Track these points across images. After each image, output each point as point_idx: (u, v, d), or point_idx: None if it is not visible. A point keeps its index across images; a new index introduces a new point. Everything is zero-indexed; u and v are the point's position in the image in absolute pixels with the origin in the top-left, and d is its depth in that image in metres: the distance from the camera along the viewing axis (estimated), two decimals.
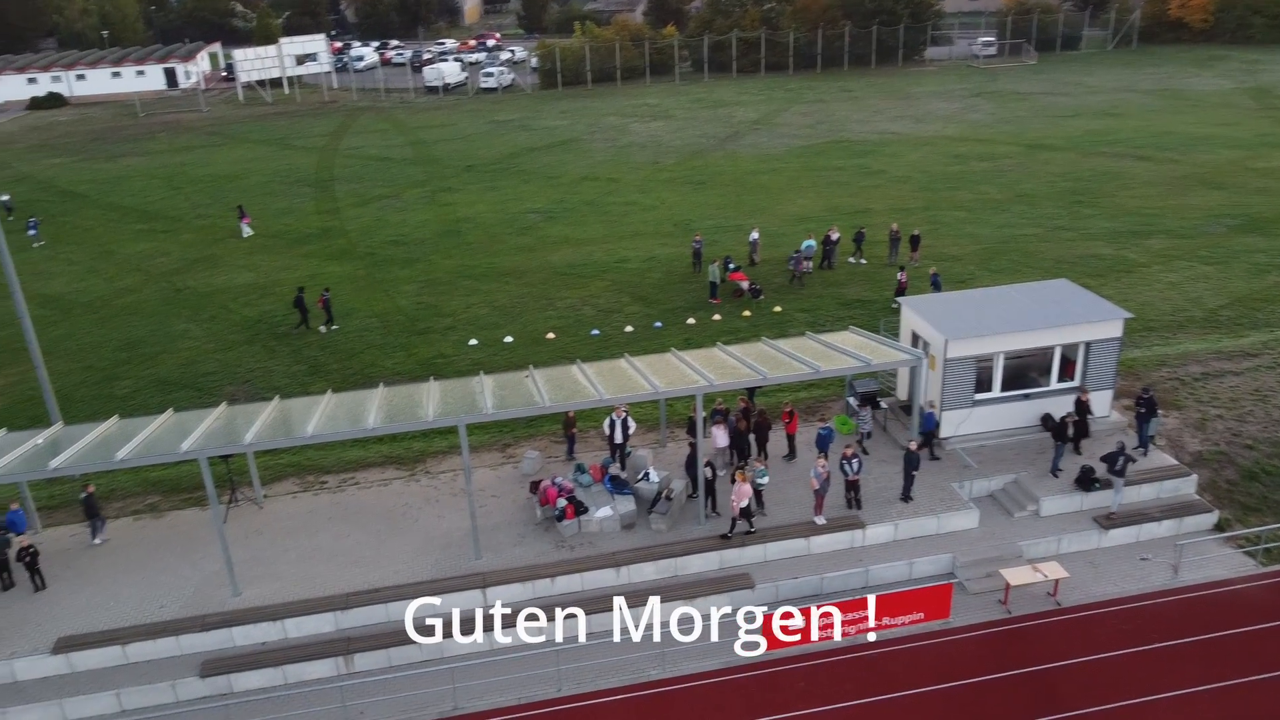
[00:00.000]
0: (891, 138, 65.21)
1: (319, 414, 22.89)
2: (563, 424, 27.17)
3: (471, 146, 69.54)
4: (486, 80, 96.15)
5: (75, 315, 40.69)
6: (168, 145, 76.79)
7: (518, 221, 50.50)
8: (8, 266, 26.26)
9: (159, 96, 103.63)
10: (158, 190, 61.61)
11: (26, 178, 66.81)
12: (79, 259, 48.47)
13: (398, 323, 37.82)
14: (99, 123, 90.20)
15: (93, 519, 24.14)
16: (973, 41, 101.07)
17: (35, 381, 27.81)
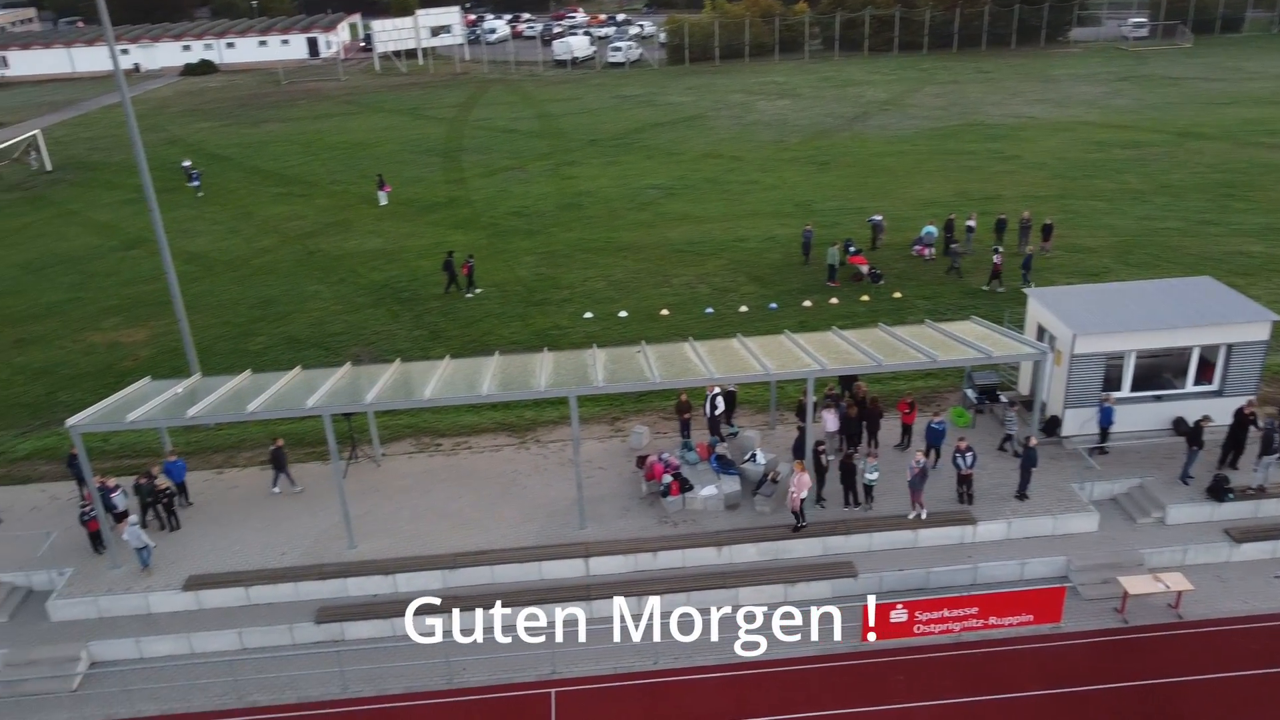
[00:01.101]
0: (1028, 122, 62.65)
1: (437, 378, 23.55)
2: (675, 408, 27.13)
3: (596, 121, 69.98)
4: (614, 55, 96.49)
5: (216, 272, 42.85)
6: (307, 112, 79.78)
7: (638, 197, 50.66)
8: (157, 225, 27.85)
9: (301, 65, 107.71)
10: (296, 156, 64.14)
11: (178, 140, 70.48)
12: (222, 219, 50.96)
13: (516, 293, 38.53)
14: (245, 89, 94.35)
15: (278, 471, 25.19)
16: (1123, 22, 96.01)
17: (178, 334, 29.44)
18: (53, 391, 32.51)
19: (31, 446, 29.14)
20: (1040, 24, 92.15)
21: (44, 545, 23.63)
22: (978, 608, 20.31)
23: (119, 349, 35.52)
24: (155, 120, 78.02)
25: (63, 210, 54.93)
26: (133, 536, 22.32)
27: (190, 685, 20.25)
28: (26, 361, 35.05)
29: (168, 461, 24.28)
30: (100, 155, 67.40)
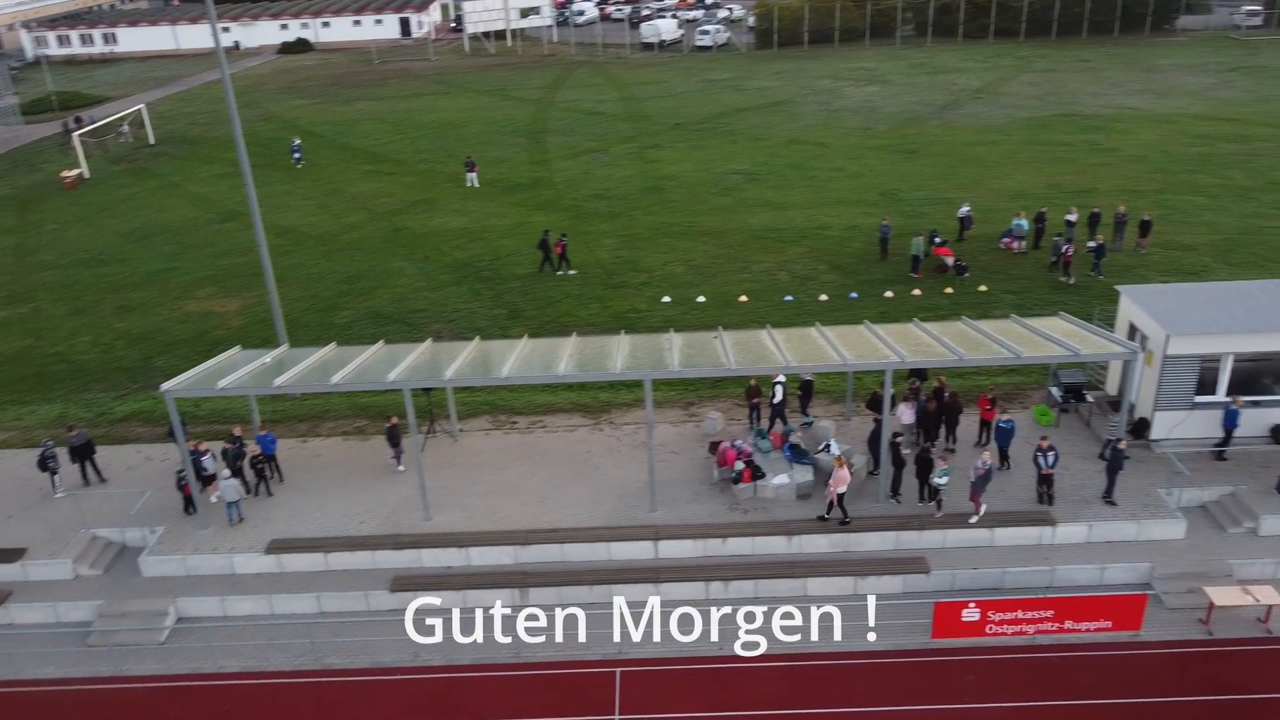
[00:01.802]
0: (1128, 113, 60.42)
1: (515, 357, 23.86)
2: (745, 392, 27.04)
3: (681, 104, 69.74)
4: (702, 38, 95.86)
5: (306, 247, 43.99)
6: (397, 92, 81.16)
7: (720, 182, 50.40)
8: (252, 200, 28.72)
9: (393, 45, 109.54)
10: (386, 134, 65.34)
11: (274, 117, 72.40)
12: (313, 195, 52.25)
13: (595, 275, 38.73)
14: (338, 68, 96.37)
15: (395, 447, 25.53)
16: (1235, 10, 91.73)
17: (268, 305, 30.35)
18: (150, 357, 33.84)
19: (129, 408, 30.41)
20: (1146, 11, 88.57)
21: (138, 504, 24.69)
22: (1053, 611, 19.84)
23: (212, 318, 36.78)
24: (252, 97, 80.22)
25: (164, 182, 56.96)
26: (227, 489, 23.26)
27: (269, 645, 20.99)
28: (127, 327, 36.54)
29: (259, 435, 25.07)
30: (200, 130, 69.65)
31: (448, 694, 19.74)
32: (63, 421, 29.58)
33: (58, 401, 31.20)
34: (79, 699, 20.13)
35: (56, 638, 21.63)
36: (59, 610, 22.21)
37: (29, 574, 22.92)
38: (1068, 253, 35.25)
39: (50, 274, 42.73)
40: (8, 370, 33.70)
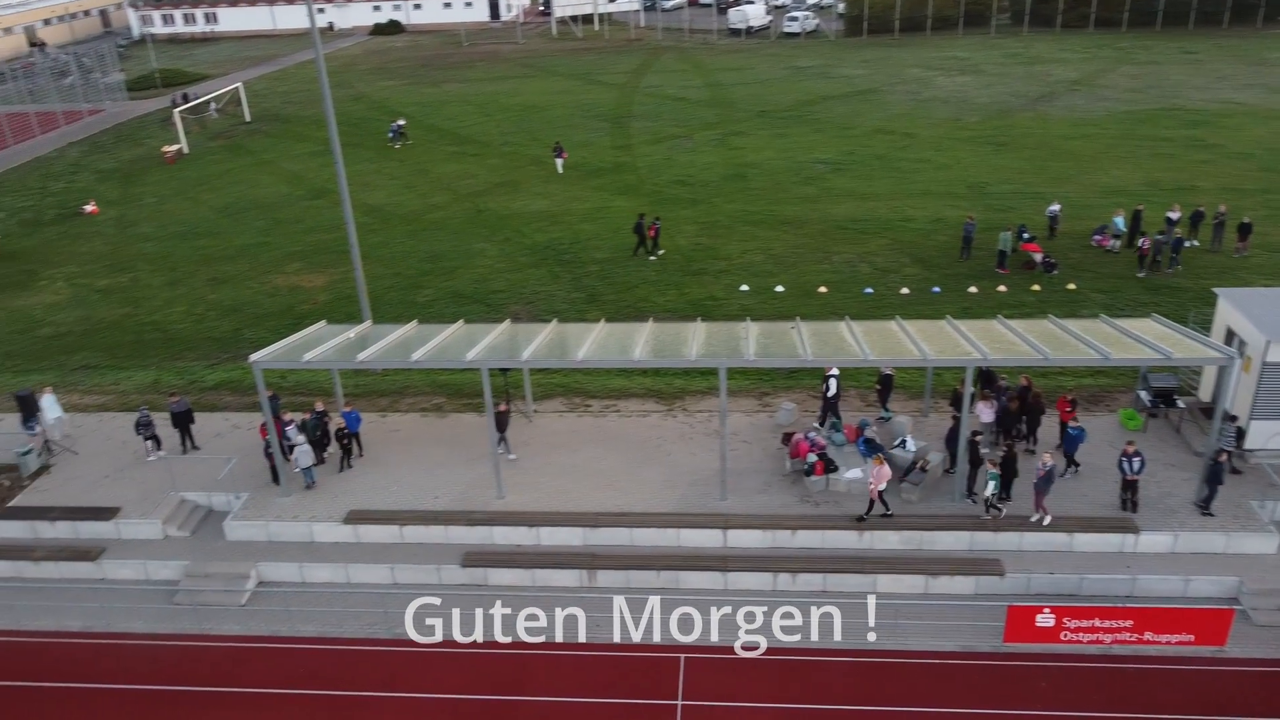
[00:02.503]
0: (1235, 108, 57.93)
1: (591, 341, 24.01)
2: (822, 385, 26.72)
3: (767, 91, 69.08)
4: (790, 25, 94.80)
5: (391, 225, 44.85)
6: (484, 74, 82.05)
7: (804, 171, 49.85)
8: (341, 178, 29.35)
9: (482, 27, 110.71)
10: (471, 116, 66.14)
11: (363, 97, 73.86)
12: (399, 175, 53.21)
13: (674, 261, 38.70)
14: (428, 50, 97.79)
15: (501, 434, 25.24)
16: None
17: (353, 282, 31.03)
18: (239, 328, 34.94)
19: (219, 377, 31.46)
20: (1259, 2, 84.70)
21: (224, 470, 25.55)
22: (1133, 621, 19.27)
23: (299, 292, 37.79)
24: (343, 77, 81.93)
25: (258, 159, 58.61)
26: (301, 455, 23.99)
27: (344, 612, 21.57)
28: (219, 299, 37.77)
29: (344, 411, 25.71)
30: (293, 109, 71.41)
31: (515, 671, 20.04)
32: (157, 387, 30.78)
33: (152, 368, 32.43)
34: (164, 654, 20.99)
35: (145, 594, 22.58)
36: (148, 568, 23.17)
37: (121, 532, 23.95)
38: (1144, 245, 34.49)
39: (149, 245, 44.37)
40: (107, 336, 35.15)
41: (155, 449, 26.06)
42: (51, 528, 24.10)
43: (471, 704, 19.30)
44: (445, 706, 19.28)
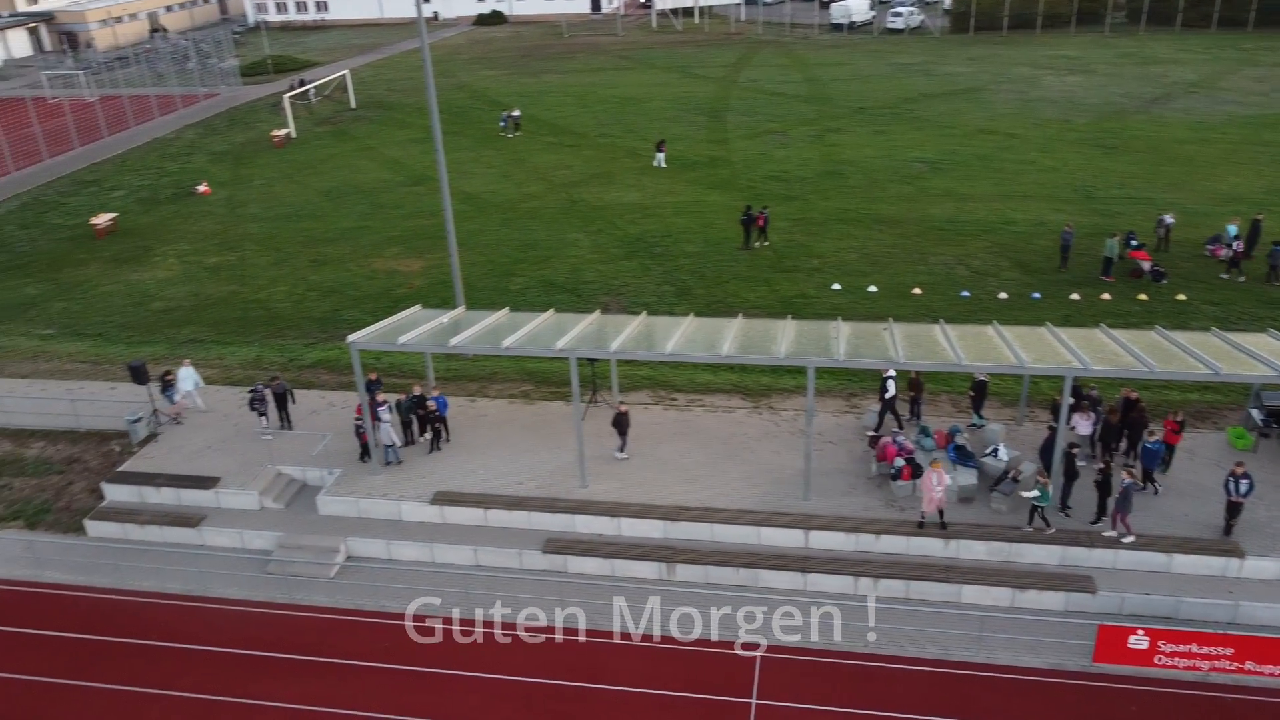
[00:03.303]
0: None
1: (679, 334, 24.00)
2: (906, 384, 26.22)
3: (867, 88, 67.97)
4: (894, 20, 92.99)
5: (487, 213, 45.54)
6: (583, 65, 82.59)
7: (902, 170, 48.91)
8: (441, 166, 29.91)
9: (583, 19, 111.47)
10: (569, 107, 66.67)
11: (464, 86, 75.11)
12: (496, 164, 53.99)
13: (765, 258, 38.42)
14: (529, 41, 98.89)
15: (622, 435, 24.99)
16: None
17: (449, 267, 31.63)
18: (338, 309, 35.95)
19: (317, 356, 32.43)
20: None
21: (319, 446, 26.36)
22: (1234, 649, 18.46)
23: (396, 276, 38.68)
24: (446, 66, 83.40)
25: (361, 145, 60.13)
26: (384, 434, 24.59)
27: (428, 590, 22.03)
28: (319, 280, 38.92)
29: (435, 395, 26.23)
30: (397, 96, 73.02)
31: (590, 658, 20.21)
32: (259, 363, 31.90)
33: (255, 344, 33.61)
34: (255, 620, 21.78)
35: (240, 562, 23.47)
36: (244, 537, 24.06)
37: (221, 501, 24.91)
38: (1238, 249, 33.10)
39: (256, 226, 45.95)
40: (214, 312, 36.55)
41: (266, 425, 26.92)
42: (157, 493, 25.22)
43: (544, 688, 19.53)
44: (518, 689, 19.56)
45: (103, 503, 25.46)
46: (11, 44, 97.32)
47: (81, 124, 65.55)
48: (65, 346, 34.22)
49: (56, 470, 27.05)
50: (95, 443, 27.94)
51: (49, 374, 32.09)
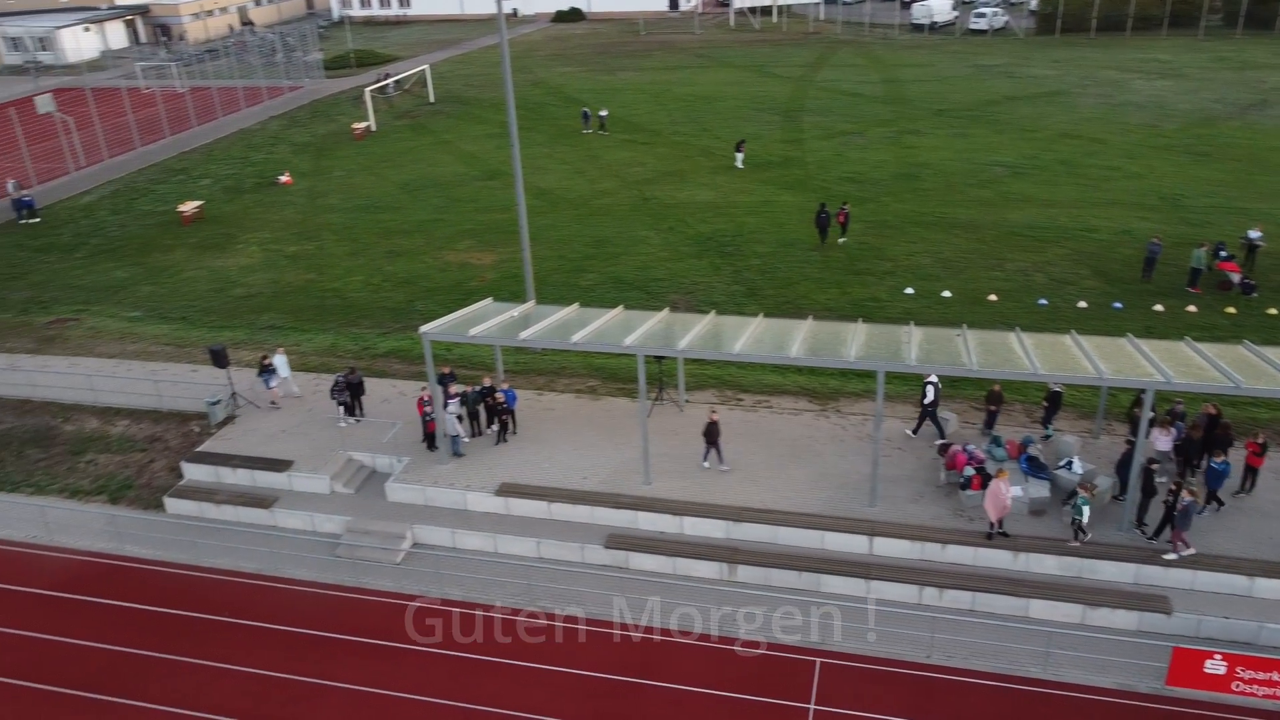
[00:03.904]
0: None
1: (747, 335, 23.87)
2: (986, 397, 25.72)
3: (947, 90, 66.79)
4: (977, 21, 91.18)
5: (560, 209, 45.86)
6: (660, 63, 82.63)
7: (980, 173, 47.97)
8: (516, 161, 30.20)
9: (660, 17, 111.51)
10: (644, 105, 66.78)
11: (541, 82, 75.71)
12: (570, 160, 54.33)
13: (837, 260, 38.01)
14: (605, 38, 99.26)
15: (711, 445, 24.34)
16: None
17: (520, 262, 31.93)
18: (411, 300, 36.56)
19: (389, 345, 33.02)
20: None
21: (389, 434, 26.85)
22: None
23: (468, 269, 39.19)
24: (523, 62, 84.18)
25: (439, 139, 61.02)
26: (450, 425, 24.93)
27: (490, 580, 22.31)
28: (394, 270, 39.61)
29: (504, 389, 26.52)
30: (474, 92, 73.92)
31: (650, 654, 20.25)
32: (334, 351, 32.59)
33: (330, 332, 34.36)
34: (323, 601, 22.28)
35: (310, 544, 24.03)
36: (315, 520, 24.63)
37: (293, 484, 25.53)
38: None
39: (335, 216, 46.95)
40: (292, 299, 37.45)
41: (346, 415, 27.45)
42: (232, 474, 25.95)
43: (603, 682, 19.62)
44: (577, 683, 19.68)
45: (181, 481, 26.30)
46: (110, 36, 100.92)
47: (172, 114, 67.70)
48: (151, 329, 35.41)
49: (139, 448, 28.02)
50: (176, 423, 28.86)
51: (135, 355, 33.25)
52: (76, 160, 57.70)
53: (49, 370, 31.71)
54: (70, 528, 25.07)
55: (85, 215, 48.84)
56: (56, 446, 28.38)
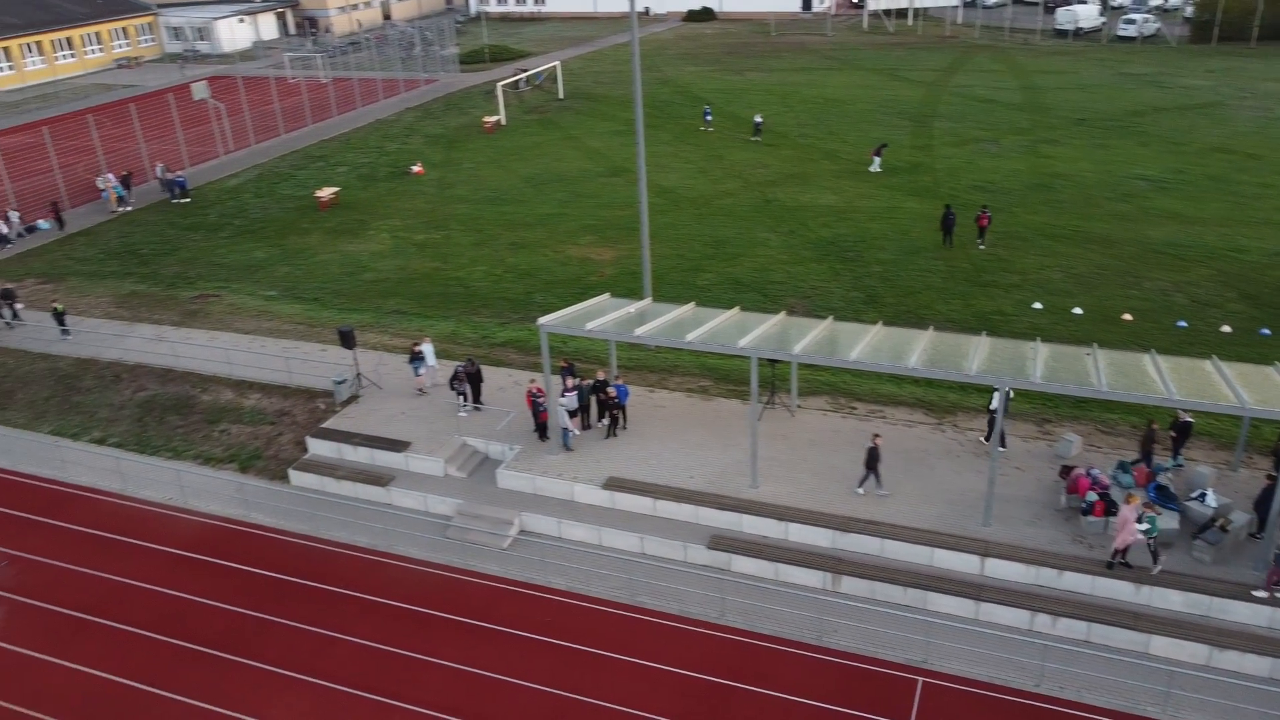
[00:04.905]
0: None
1: (864, 342, 23.45)
2: (1142, 438, 24.02)
3: (1089, 98, 64.12)
4: (1126, 28, 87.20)
5: (681, 208, 45.95)
6: (789, 65, 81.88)
7: (1121, 186, 45.89)
8: (640, 159, 30.39)
9: (792, 18, 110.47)
10: (771, 106, 66.25)
11: (669, 81, 75.98)
12: (693, 159, 54.35)
13: (962, 270, 36.97)
14: (735, 38, 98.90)
15: (870, 471, 23.17)
16: None
17: (639, 258, 32.13)
18: (530, 292, 37.23)
19: (508, 335, 33.72)
20: None
21: (503, 422, 27.43)
22: None
23: (588, 264, 39.66)
24: (652, 61, 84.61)
25: (565, 134, 61.93)
26: (561, 417, 25.37)
27: (592, 572, 22.57)
28: (516, 262, 40.41)
29: (617, 384, 26.75)
30: (602, 89, 74.72)
31: (748, 658, 20.14)
32: (455, 338, 33.47)
33: (452, 320, 35.30)
34: (432, 581, 22.93)
35: (422, 524, 24.75)
36: (428, 501, 25.36)
37: (409, 465, 26.35)
38: None
39: (462, 207, 48.18)
40: (417, 286, 38.62)
41: (464, 404, 28.16)
42: (353, 451, 26.95)
43: (699, 683, 19.61)
44: (674, 680, 19.72)
45: (306, 455, 27.45)
46: (261, 27, 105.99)
47: (315, 103, 70.64)
48: (285, 308, 37.07)
49: (268, 421, 29.38)
50: (304, 399, 30.14)
51: (269, 332, 34.86)
52: (225, 144, 60.83)
53: (191, 342, 33.57)
54: (202, 492, 26.50)
55: (231, 197, 51.46)
56: (194, 415, 30.01)
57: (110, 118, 68.13)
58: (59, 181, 51.42)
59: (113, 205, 49.23)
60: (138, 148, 56.73)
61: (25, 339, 35.12)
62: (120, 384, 31.81)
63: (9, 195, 49.56)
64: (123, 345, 33.81)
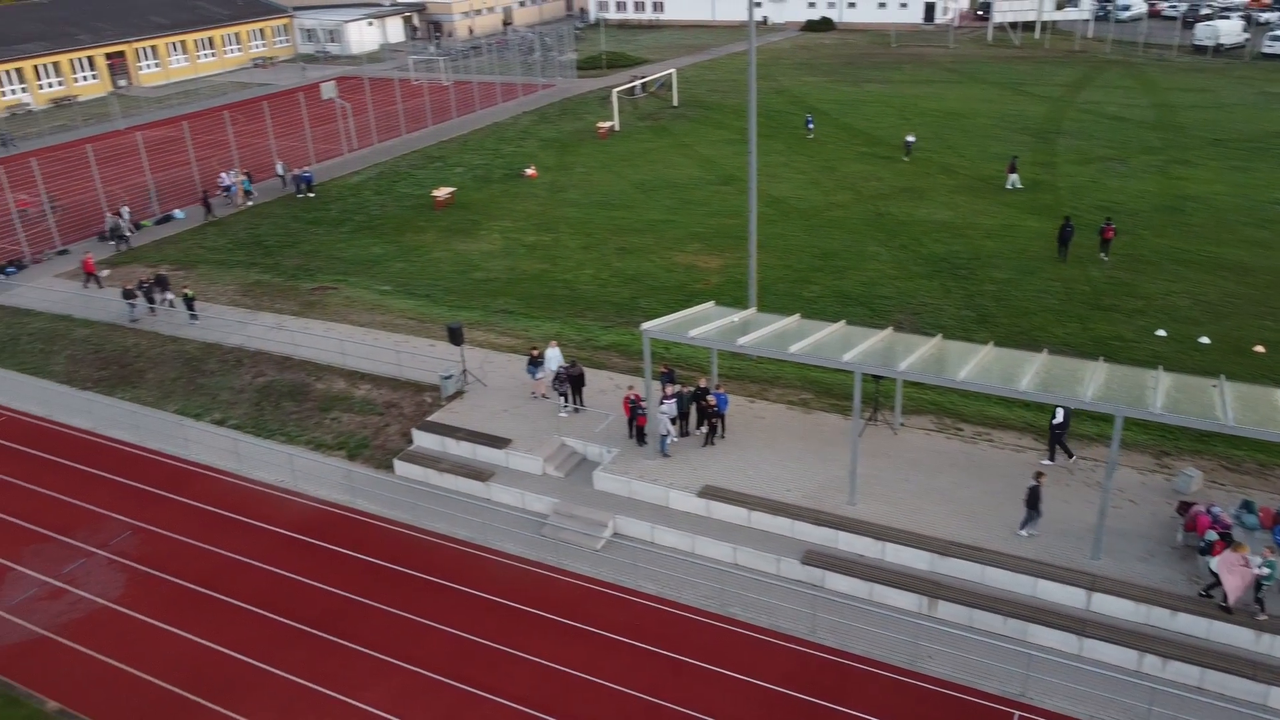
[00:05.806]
0: None
1: (974, 362, 22.82)
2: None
3: (1228, 118, 61.08)
4: (1272, 44, 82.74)
5: (790, 218, 45.57)
6: (909, 77, 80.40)
7: (1260, 211, 43.56)
8: (752, 168, 30.28)
9: (914, 29, 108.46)
10: (887, 118, 65.20)
11: (785, 90, 75.48)
12: (805, 170, 53.85)
13: (1081, 292, 35.64)
14: (855, 49, 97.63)
15: (1031, 509, 21.99)
16: None
17: (745, 268, 31.99)
18: (635, 297, 37.45)
19: (610, 339, 33.99)
20: None
21: (602, 425, 27.66)
22: None
23: (694, 271, 39.68)
24: (768, 70, 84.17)
25: (678, 141, 62.15)
26: (662, 424, 25.43)
27: (684, 580, 22.55)
28: (622, 267, 40.72)
29: (716, 392, 26.70)
30: (716, 97, 74.71)
31: (837, 677, 19.82)
32: (559, 339, 33.86)
33: (557, 321, 35.78)
34: (526, 577, 23.28)
35: (519, 520, 25.15)
36: (525, 498, 25.75)
37: (510, 462, 26.81)
38: None
39: (572, 210, 48.82)
40: (526, 287, 39.29)
41: (566, 404, 28.52)
42: (456, 445, 27.57)
43: (786, 699, 19.39)
44: (759, 694, 19.54)
45: (411, 446, 28.22)
46: (389, 30, 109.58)
47: (436, 104, 72.63)
48: (398, 303, 38.19)
49: (377, 411, 30.32)
50: (411, 392, 30.98)
51: (382, 325, 35.98)
52: (350, 143, 63.10)
53: (309, 332, 34.89)
54: (312, 477, 27.50)
55: (352, 194, 53.30)
56: (308, 402, 31.18)
57: (245, 114, 71.45)
58: (194, 174, 54.18)
59: (239, 199, 51.65)
60: (268, 144, 59.32)
61: (158, 322, 37.12)
62: (241, 369, 33.29)
63: (145, 185, 52.41)
64: (245, 332, 35.38)
